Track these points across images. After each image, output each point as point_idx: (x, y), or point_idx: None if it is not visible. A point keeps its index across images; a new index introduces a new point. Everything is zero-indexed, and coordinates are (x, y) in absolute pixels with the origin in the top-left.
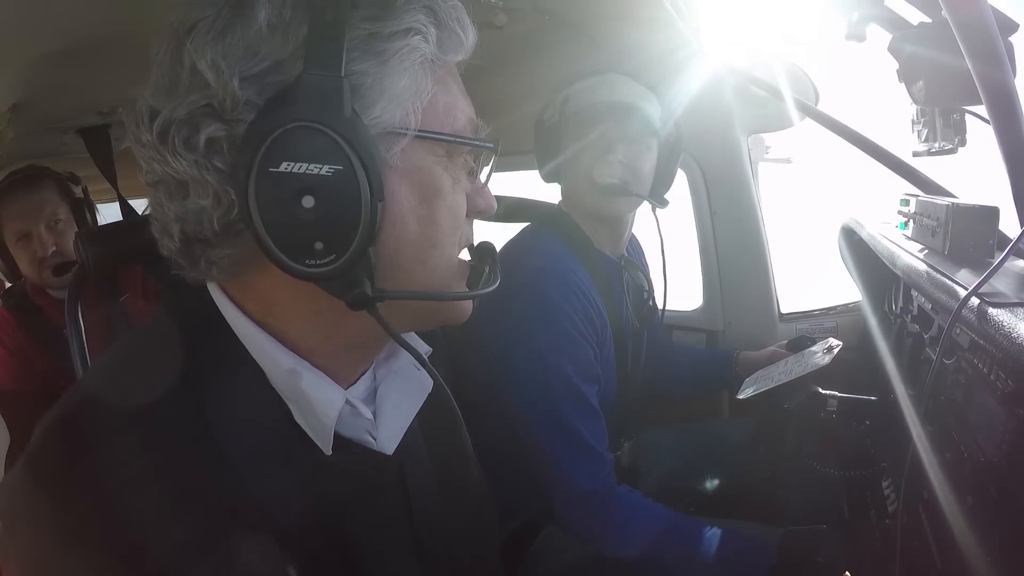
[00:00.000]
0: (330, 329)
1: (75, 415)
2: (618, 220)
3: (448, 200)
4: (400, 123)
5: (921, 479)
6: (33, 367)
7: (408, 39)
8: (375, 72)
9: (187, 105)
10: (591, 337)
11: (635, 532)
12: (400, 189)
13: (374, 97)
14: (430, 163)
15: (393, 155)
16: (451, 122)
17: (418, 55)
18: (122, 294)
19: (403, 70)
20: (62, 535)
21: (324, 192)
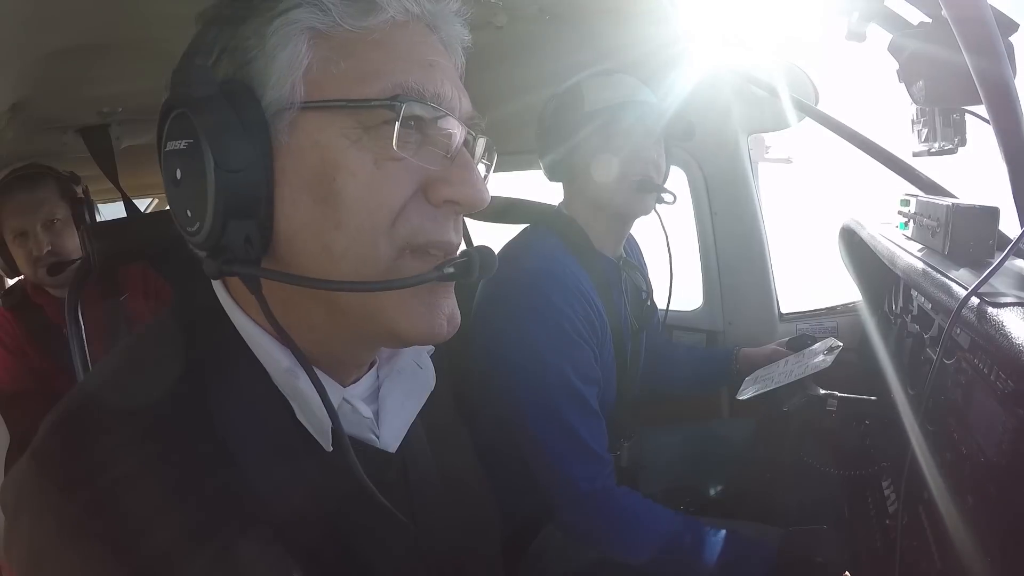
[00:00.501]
0: (326, 331)
1: (80, 410)
2: (633, 218)
3: (362, 177)
4: (287, 97)
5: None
6: (33, 366)
7: (289, 14)
8: (260, 52)
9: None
10: (590, 339)
11: (635, 534)
12: (290, 165)
13: (265, 77)
14: (331, 137)
15: (282, 130)
16: (360, 89)
17: (298, 26)
18: (122, 293)
19: (283, 44)
20: (63, 527)
21: (183, 164)
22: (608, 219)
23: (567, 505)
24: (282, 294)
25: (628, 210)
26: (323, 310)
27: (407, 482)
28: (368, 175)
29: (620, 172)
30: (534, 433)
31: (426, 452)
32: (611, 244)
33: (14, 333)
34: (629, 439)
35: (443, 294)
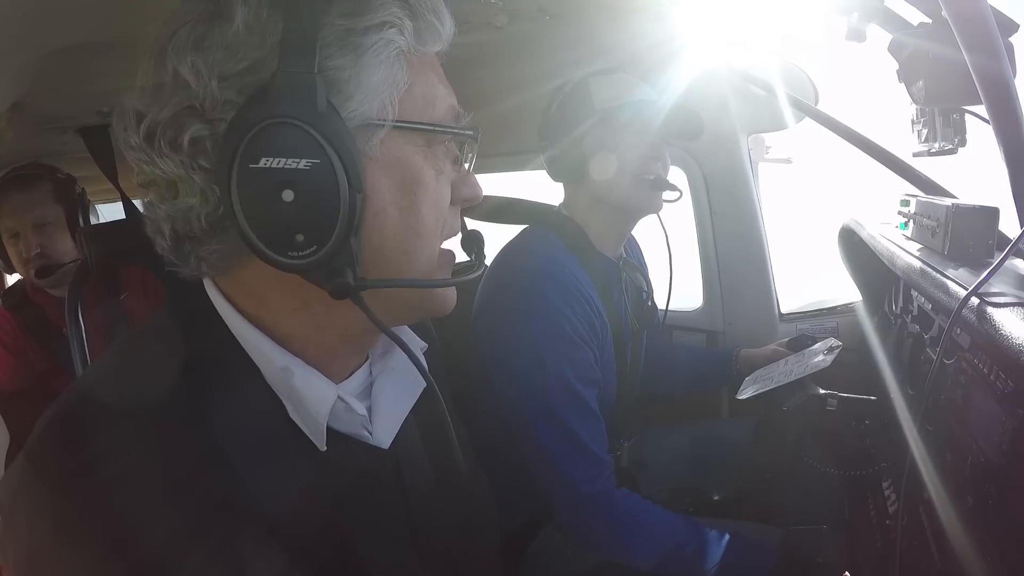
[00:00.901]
0: (320, 320)
1: (73, 410)
2: (642, 216)
3: (431, 190)
4: (378, 115)
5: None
6: (33, 366)
7: (383, 32)
8: (351, 66)
9: (171, 107)
10: (591, 340)
11: (635, 535)
12: (381, 180)
13: (351, 91)
14: (410, 154)
15: (372, 147)
16: (430, 111)
17: (393, 48)
18: (122, 293)
19: (378, 63)
20: (57, 526)
21: (302, 185)
22: (615, 217)
23: (567, 507)
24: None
25: (641, 207)
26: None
27: (401, 479)
28: (434, 187)
29: (634, 170)
30: (533, 434)
31: (420, 449)
32: (612, 244)
33: (14, 333)
34: (629, 440)
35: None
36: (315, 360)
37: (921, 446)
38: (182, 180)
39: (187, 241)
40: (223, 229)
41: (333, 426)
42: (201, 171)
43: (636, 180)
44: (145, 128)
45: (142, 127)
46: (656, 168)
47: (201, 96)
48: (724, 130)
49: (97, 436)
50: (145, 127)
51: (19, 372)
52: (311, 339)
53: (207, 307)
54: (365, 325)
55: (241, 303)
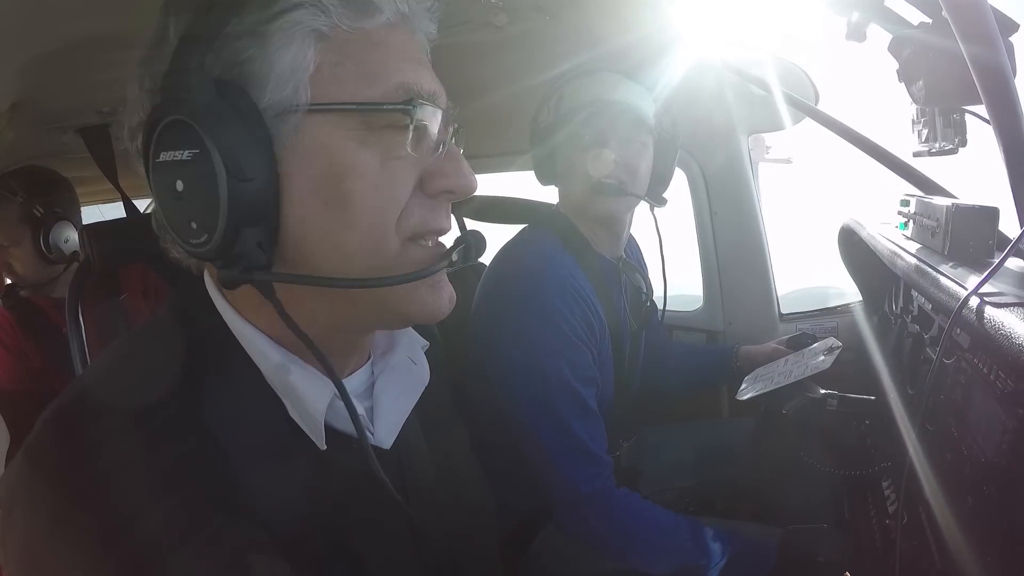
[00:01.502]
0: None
1: (73, 406)
2: (615, 220)
3: (370, 178)
4: (290, 100)
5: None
6: (33, 366)
7: (290, 15)
8: (261, 56)
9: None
10: (589, 341)
11: (635, 535)
12: (297, 168)
13: (262, 80)
14: (337, 140)
15: (286, 134)
16: (364, 90)
17: (302, 28)
18: (122, 293)
19: (286, 47)
20: (53, 519)
21: (187, 175)
22: (590, 221)
23: (566, 507)
24: (282, 292)
25: (594, 212)
26: (327, 305)
27: (403, 478)
28: (376, 175)
29: (581, 173)
30: (533, 434)
31: (422, 448)
32: (608, 244)
33: (14, 333)
34: (628, 439)
35: (443, 279)
36: (314, 360)
37: (921, 446)
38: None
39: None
40: None
41: (334, 425)
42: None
43: (584, 185)
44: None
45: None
46: (605, 171)
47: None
48: (724, 130)
49: (94, 432)
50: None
51: (19, 372)
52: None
53: (207, 305)
54: (351, 320)
55: (242, 304)
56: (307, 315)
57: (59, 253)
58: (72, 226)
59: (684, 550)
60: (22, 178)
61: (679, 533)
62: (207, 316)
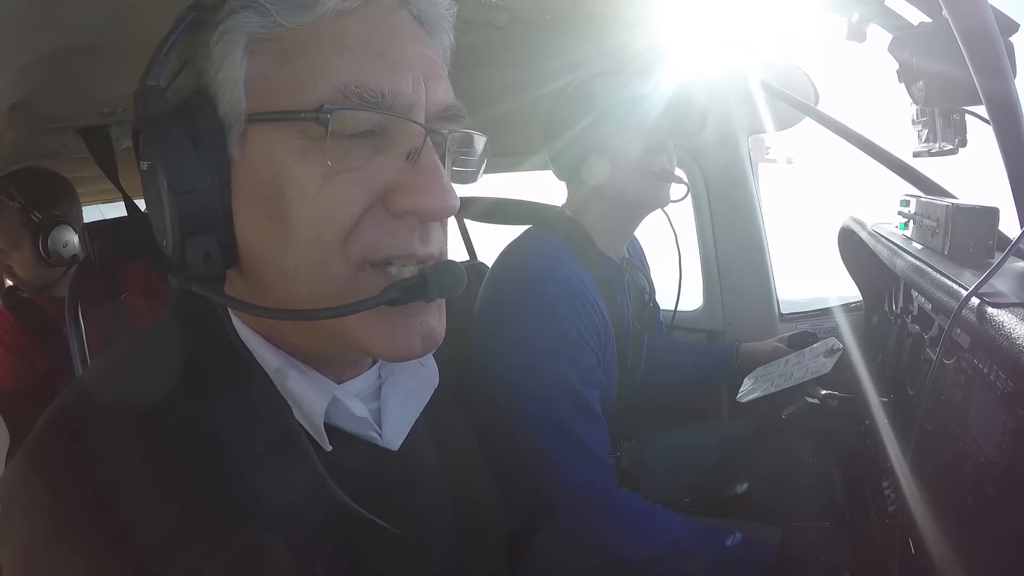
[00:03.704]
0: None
1: (72, 409)
2: (649, 210)
3: (310, 193)
4: (235, 110)
5: (921, 479)
6: (33, 366)
7: (226, 23)
8: (212, 68)
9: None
10: (593, 342)
11: (637, 536)
12: (244, 182)
13: (216, 91)
14: (279, 152)
15: (233, 145)
16: (299, 95)
17: (236, 34)
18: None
19: (228, 55)
20: (54, 525)
21: (146, 185)
22: (620, 215)
23: (568, 509)
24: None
25: (649, 201)
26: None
27: (410, 480)
28: (316, 190)
29: (639, 164)
30: (535, 436)
31: (429, 450)
32: (615, 244)
33: (14, 332)
34: (629, 440)
35: (414, 311)
36: (313, 361)
37: (921, 446)
38: None
39: None
40: None
41: (342, 427)
42: None
43: (642, 174)
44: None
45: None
46: (661, 161)
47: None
48: (724, 130)
49: (95, 435)
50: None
51: (19, 372)
52: (300, 340)
53: (209, 308)
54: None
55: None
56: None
57: (58, 257)
58: (71, 229)
59: (685, 551)
60: (20, 182)
61: (680, 533)
62: (208, 319)
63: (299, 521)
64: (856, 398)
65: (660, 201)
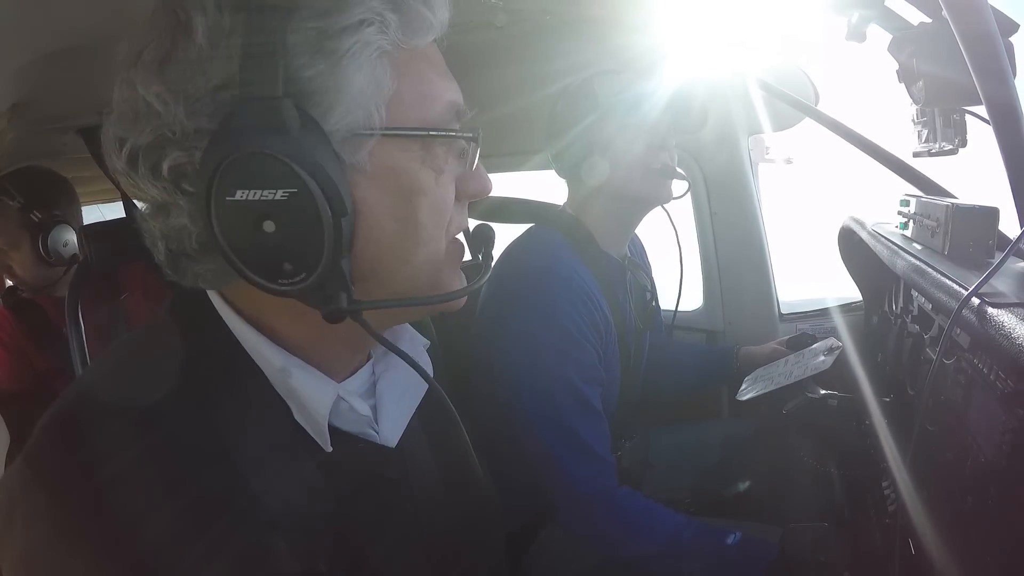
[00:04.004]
0: (320, 329)
1: (72, 411)
2: (653, 207)
3: (431, 196)
4: (364, 125)
5: (921, 479)
6: (33, 366)
7: (360, 33)
8: (328, 74)
9: (148, 133)
10: (595, 339)
11: (637, 534)
12: (373, 193)
13: (331, 102)
14: (404, 161)
15: (361, 159)
16: (425, 112)
17: (373, 49)
18: (122, 293)
19: (358, 68)
20: (54, 529)
21: (283, 216)
22: (622, 212)
23: (569, 506)
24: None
25: (653, 197)
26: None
27: (408, 477)
28: (434, 192)
29: (643, 160)
30: (537, 434)
31: (424, 447)
32: (617, 242)
33: (14, 333)
34: (630, 439)
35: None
36: (317, 361)
37: (921, 446)
38: (169, 203)
39: (182, 258)
40: (215, 250)
41: (339, 426)
42: (186, 195)
43: (645, 171)
44: (127, 154)
45: (123, 152)
46: (664, 157)
47: (172, 124)
48: (724, 130)
49: (94, 438)
50: (126, 153)
51: (19, 372)
52: (310, 343)
53: (208, 308)
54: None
55: (241, 305)
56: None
57: (58, 257)
58: (71, 229)
59: (685, 549)
60: (20, 181)
61: (680, 532)
62: (209, 319)
63: (300, 521)
64: (856, 398)
65: (663, 197)
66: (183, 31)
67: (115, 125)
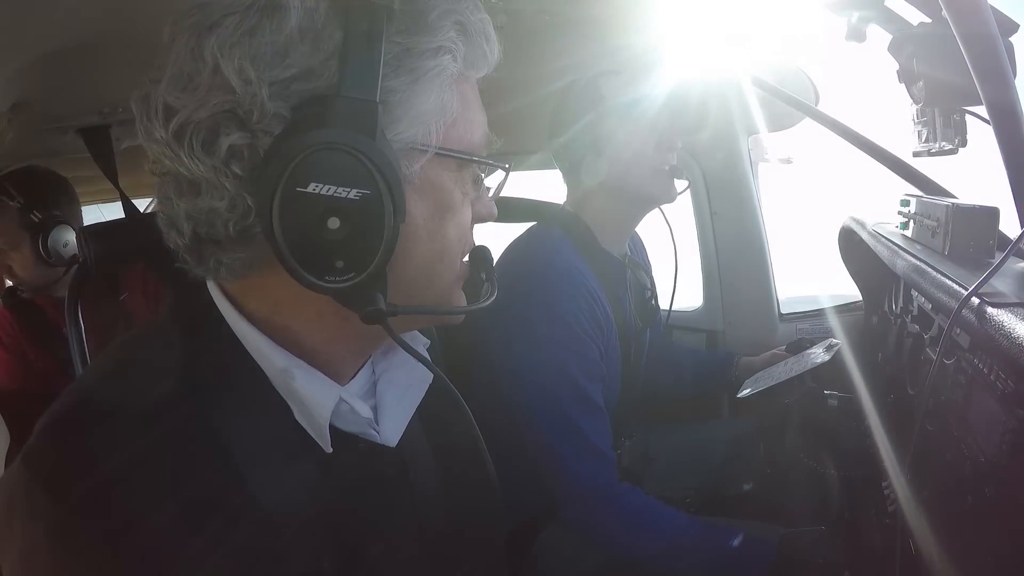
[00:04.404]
0: (332, 331)
1: (71, 412)
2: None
3: (458, 215)
4: (422, 140)
5: (921, 479)
6: (33, 367)
7: (439, 58)
8: (405, 89)
9: (209, 108)
10: (596, 336)
11: (638, 530)
12: (417, 205)
13: (400, 114)
14: (444, 179)
15: (412, 172)
16: (468, 138)
17: (447, 75)
18: (122, 293)
19: (431, 89)
20: (54, 532)
21: (351, 215)
22: (625, 211)
23: (570, 502)
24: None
25: (659, 196)
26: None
27: (407, 477)
28: (461, 212)
29: (652, 161)
30: (538, 429)
31: (424, 445)
32: (618, 241)
33: (14, 333)
34: (630, 438)
35: None
36: (320, 363)
37: (921, 446)
38: (208, 183)
39: (208, 244)
40: (250, 238)
41: (340, 426)
42: (234, 178)
43: (654, 170)
44: (176, 124)
45: (173, 122)
46: (671, 158)
47: (247, 104)
48: (724, 130)
49: (93, 439)
50: (177, 123)
51: (19, 372)
52: (319, 346)
53: (209, 307)
54: (377, 334)
55: (250, 305)
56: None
57: (58, 257)
58: (71, 229)
59: (685, 548)
60: (20, 181)
61: (681, 530)
62: (210, 319)
63: (299, 521)
64: (856, 398)
65: (670, 197)
66: (274, 11)
67: (167, 93)
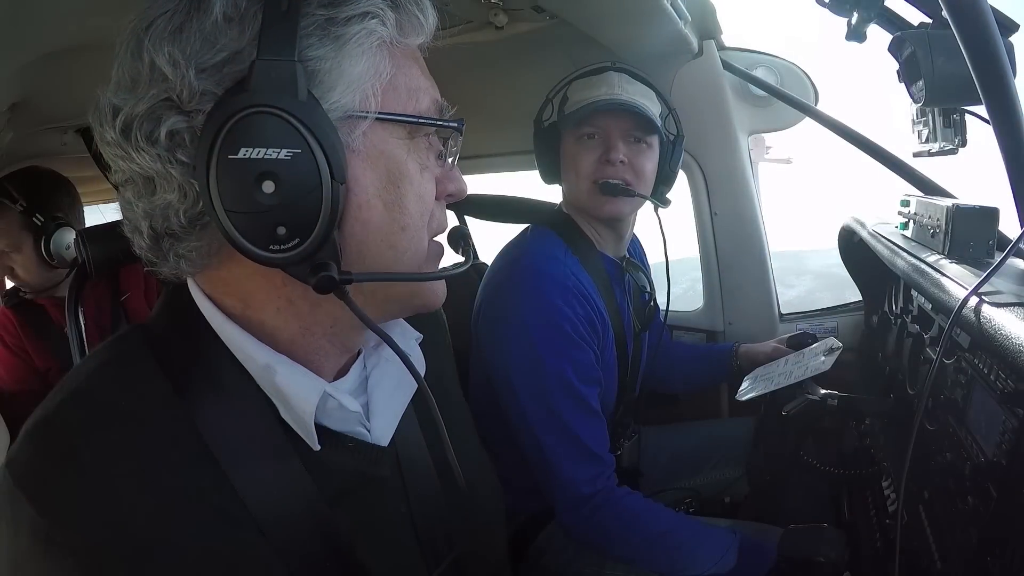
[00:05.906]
0: (305, 318)
1: (54, 417)
2: (619, 221)
3: (415, 184)
4: (360, 106)
5: (921, 479)
6: (34, 366)
7: (365, 23)
8: (333, 56)
9: (147, 100)
10: (591, 340)
11: (636, 534)
12: (364, 173)
13: (332, 81)
14: (393, 146)
15: (355, 139)
16: (413, 104)
17: (375, 38)
18: (123, 293)
19: (360, 53)
20: (39, 539)
21: (284, 176)
22: (594, 220)
23: (568, 507)
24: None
25: (599, 213)
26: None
27: (402, 477)
28: (418, 182)
29: (587, 174)
30: (535, 434)
31: (420, 443)
32: (612, 243)
33: (15, 333)
34: (630, 439)
35: None
36: (304, 358)
37: (921, 446)
38: (159, 175)
39: (165, 238)
40: (202, 225)
41: (329, 425)
42: (179, 165)
43: (590, 185)
44: (121, 122)
45: (118, 121)
46: (614, 172)
47: (178, 87)
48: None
49: (77, 444)
50: (121, 121)
51: (20, 371)
52: (297, 338)
53: (191, 307)
54: (352, 322)
55: (226, 303)
56: (318, 318)
57: (60, 259)
58: (73, 231)
59: (684, 549)
60: (22, 183)
61: (680, 532)
62: (190, 319)
63: (286, 522)
64: (856, 398)
65: (612, 213)
66: (199, 7)
67: (111, 95)
